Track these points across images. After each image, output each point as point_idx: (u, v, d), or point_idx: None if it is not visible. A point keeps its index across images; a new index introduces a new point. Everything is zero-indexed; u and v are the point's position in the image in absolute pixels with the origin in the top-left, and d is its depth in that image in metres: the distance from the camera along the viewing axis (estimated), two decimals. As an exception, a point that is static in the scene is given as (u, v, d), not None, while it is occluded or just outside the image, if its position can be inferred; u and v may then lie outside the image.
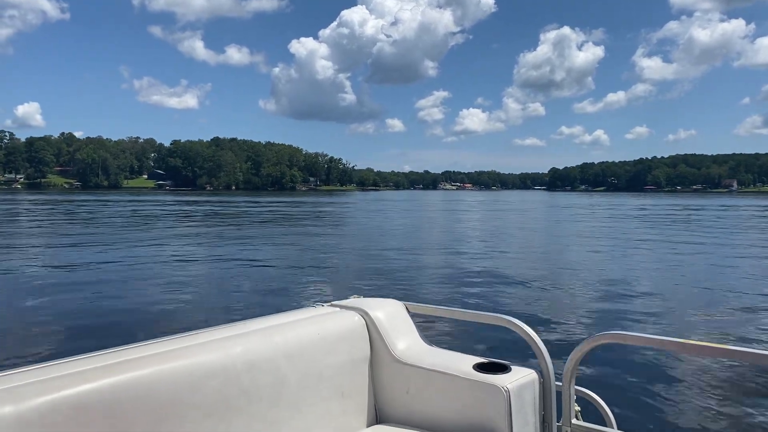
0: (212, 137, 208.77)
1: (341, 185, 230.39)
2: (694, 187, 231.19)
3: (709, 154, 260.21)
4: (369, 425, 2.38)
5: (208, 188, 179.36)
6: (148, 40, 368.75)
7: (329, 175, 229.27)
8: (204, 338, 2.02)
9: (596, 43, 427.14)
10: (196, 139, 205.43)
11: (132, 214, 43.49)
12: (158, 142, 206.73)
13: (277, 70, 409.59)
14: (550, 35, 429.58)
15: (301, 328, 2.25)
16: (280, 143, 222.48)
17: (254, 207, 60.00)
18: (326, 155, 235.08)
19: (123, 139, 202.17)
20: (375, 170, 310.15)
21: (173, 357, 1.84)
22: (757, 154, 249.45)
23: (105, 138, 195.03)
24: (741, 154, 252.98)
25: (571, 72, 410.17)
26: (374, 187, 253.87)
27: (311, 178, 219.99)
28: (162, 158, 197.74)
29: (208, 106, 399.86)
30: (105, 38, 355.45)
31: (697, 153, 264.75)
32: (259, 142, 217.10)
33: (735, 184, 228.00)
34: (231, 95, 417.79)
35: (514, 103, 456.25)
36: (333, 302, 2.60)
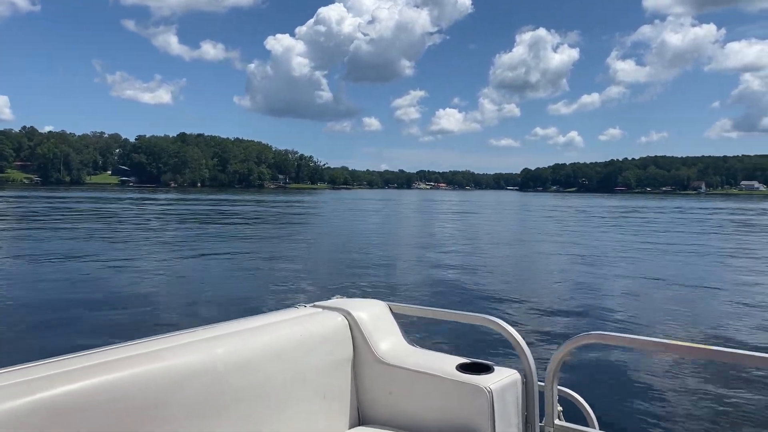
0: (179, 133, 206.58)
1: (312, 183, 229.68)
2: (664, 188, 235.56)
3: (680, 156, 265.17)
4: (351, 426, 2.38)
5: (173, 185, 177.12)
6: (122, 34, 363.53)
7: (299, 173, 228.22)
8: (186, 339, 2.01)
9: (571, 45, 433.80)
10: (163, 135, 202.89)
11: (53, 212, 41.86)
12: (123, 137, 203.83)
13: (252, 66, 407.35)
14: (525, 36, 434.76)
15: (283, 329, 2.25)
16: (249, 140, 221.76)
17: (197, 206, 57.98)
18: (296, 152, 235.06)
19: (87, 134, 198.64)
20: (350, 169, 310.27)
21: (154, 358, 1.83)
22: (725, 156, 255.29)
23: (68, 132, 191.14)
24: (710, 156, 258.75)
25: (546, 73, 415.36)
26: (346, 186, 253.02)
27: (280, 176, 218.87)
28: (126, 154, 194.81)
29: (182, 102, 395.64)
30: (77, 31, 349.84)
31: (667, 155, 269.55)
32: (227, 138, 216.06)
33: (703, 186, 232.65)
34: (206, 91, 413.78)
35: (490, 104, 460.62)
36: (316, 303, 2.59)
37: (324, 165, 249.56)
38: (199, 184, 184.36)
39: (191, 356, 1.90)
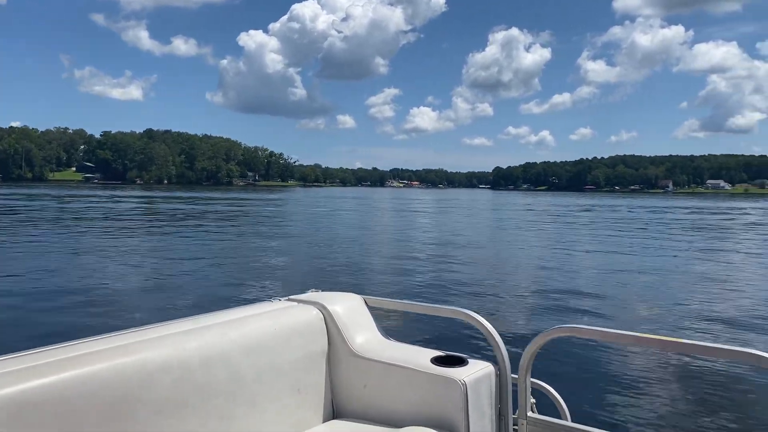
0: (146, 129, 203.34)
1: (282, 181, 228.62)
2: (632, 187, 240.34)
3: (648, 155, 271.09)
4: (325, 420, 2.39)
5: (139, 182, 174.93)
6: (91, 29, 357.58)
7: (269, 171, 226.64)
8: (157, 333, 1.99)
9: (543, 45, 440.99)
10: (129, 131, 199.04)
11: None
12: (89, 133, 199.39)
13: (225, 62, 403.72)
14: (498, 36, 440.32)
15: (257, 322, 2.24)
16: (218, 136, 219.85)
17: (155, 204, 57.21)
18: (266, 149, 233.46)
19: (50, 129, 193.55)
20: (323, 166, 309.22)
21: (124, 352, 1.82)
22: (692, 156, 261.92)
23: (31, 128, 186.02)
24: (677, 155, 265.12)
25: (519, 73, 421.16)
26: (317, 184, 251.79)
27: (250, 173, 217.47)
28: (91, 150, 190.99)
29: (153, 98, 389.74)
30: (45, 25, 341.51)
31: (636, 154, 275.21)
32: (196, 134, 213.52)
33: (671, 185, 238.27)
34: (177, 87, 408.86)
35: (464, 103, 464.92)
36: (290, 297, 2.59)
37: (295, 162, 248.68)
38: (165, 181, 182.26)
39: (163, 350, 1.88)
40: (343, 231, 28.24)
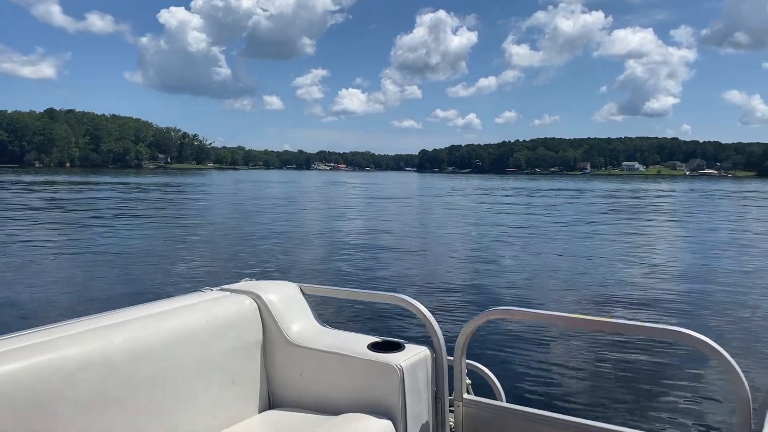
0: (46, 108, 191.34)
1: (197, 163, 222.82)
2: (552, 169, 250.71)
3: (567, 138, 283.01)
4: (261, 410, 2.42)
5: (38, 165, 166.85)
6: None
7: (182, 152, 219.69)
8: (80, 328, 1.95)
9: (470, 29, 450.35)
10: (29, 110, 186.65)
11: None
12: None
13: (144, 40, 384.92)
14: (426, 18, 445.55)
15: (188, 314, 2.22)
16: (126, 116, 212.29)
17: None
18: (179, 130, 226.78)
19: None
20: (246, 148, 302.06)
21: (45, 349, 1.76)
22: (608, 138, 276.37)
23: None
24: (595, 138, 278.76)
25: (446, 56, 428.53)
26: (234, 166, 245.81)
27: (161, 155, 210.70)
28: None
29: (67, 77, 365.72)
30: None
31: (557, 137, 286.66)
32: (103, 114, 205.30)
33: (588, 167, 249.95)
34: (94, 66, 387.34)
35: (392, 85, 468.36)
36: (223, 286, 2.59)
37: (210, 144, 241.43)
38: (68, 164, 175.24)
39: (85, 346, 1.84)
40: (273, 218, 27.64)
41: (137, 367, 1.93)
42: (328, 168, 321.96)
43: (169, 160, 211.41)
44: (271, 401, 2.48)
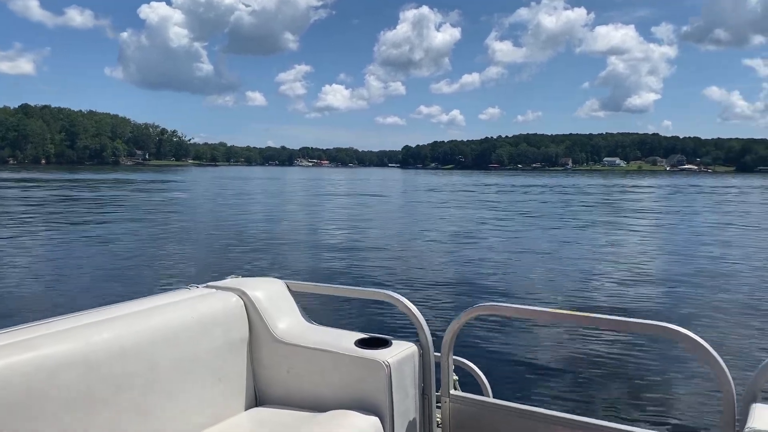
0: (21, 104, 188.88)
1: (176, 160, 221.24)
2: (534, 165, 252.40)
3: (549, 134, 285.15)
4: (248, 407, 2.42)
5: (12, 162, 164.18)
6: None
7: (160, 149, 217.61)
8: (64, 325, 1.93)
9: (453, 25, 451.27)
10: (3, 106, 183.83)
11: None
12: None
13: (125, 35, 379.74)
14: (409, 14, 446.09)
15: (173, 311, 2.22)
16: (104, 112, 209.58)
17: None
18: (158, 126, 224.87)
19: None
20: (228, 144, 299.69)
21: (26, 347, 1.74)
22: (590, 134, 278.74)
23: None
24: (576, 134, 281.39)
25: (430, 52, 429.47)
26: (214, 163, 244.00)
27: (139, 152, 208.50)
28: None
29: (46, 73, 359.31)
30: None
31: (539, 133, 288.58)
32: (80, 110, 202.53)
33: (570, 163, 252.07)
34: (73, 61, 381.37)
35: (376, 81, 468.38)
36: (209, 283, 2.58)
37: (190, 140, 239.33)
38: (43, 161, 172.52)
39: (70, 344, 1.82)
40: (261, 216, 27.44)
41: (121, 365, 1.92)
42: (311, 164, 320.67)
43: (147, 156, 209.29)
44: (257, 398, 2.48)
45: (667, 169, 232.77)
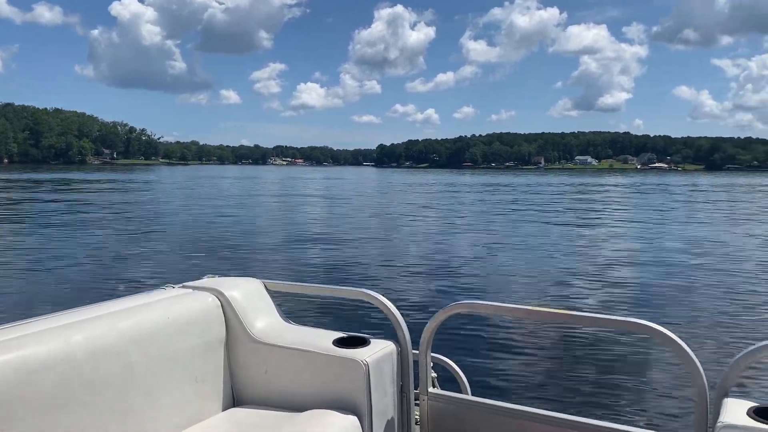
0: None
1: (145, 159, 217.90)
2: (507, 163, 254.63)
3: (522, 132, 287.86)
4: (225, 408, 2.42)
5: None
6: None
7: (129, 148, 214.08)
8: (39, 327, 1.91)
9: (428, 24, 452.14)
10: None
11: None
12: None
13: (96, 33, 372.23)
14: (384, 13, 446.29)
15: (149, 311, 2.21)
16: (71, 110, 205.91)
17: None
18: (126, 124, 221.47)
19: None
20: (200, 143, 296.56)
21: (3, 349, 1.73)
22: (562, 133, 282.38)
23: None
24: (549, 133, 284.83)
25: (405, 51, 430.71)
26: (184, 162, 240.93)
27: (106, 151, 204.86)
28: None
29: (14, 71, 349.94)
30: None
31: (512, 132, 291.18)
32: (45, 108, 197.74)
33: (542, 161, 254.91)
34: (43, 59, 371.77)
35: (351, 80, 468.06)
36: (185, 283, 2.58)
37: (159, 138, 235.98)
38: (6, 160, 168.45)
39: (45, 345, 1.81)
40: (233, 213, 27.25)
41: (98, 366, 1.91)
42: (285, 163, 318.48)
43: (115, 155, 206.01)
44: (235, 399, 2.47)
45: (638, 167, 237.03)
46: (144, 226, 21.06)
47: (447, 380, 2.49)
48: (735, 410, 1.68)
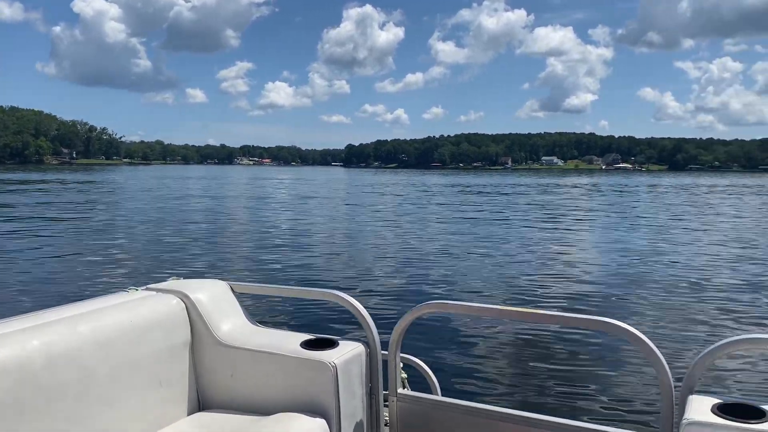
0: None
1: (106, 159, 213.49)
2: (475, 164, 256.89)
3: (490, 133, 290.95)
4: (190, 413, 2.38)
5: None
6: None
7: (89, 147, 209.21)
8: None
9: (396, 24, 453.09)
10: None
11: None
12: None
13: (58, 29, 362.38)
14: (352, 12, 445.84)
15: (110, 315, 2.16)
16: (27, 108, 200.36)
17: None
18: (86, 123, 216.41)
19: None
20: (165, 143, 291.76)
21: None
22: (529, 134, 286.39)
23: None
24: (516, 134, 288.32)
25: (374, 51, 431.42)
26: (146, 162, 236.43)
27: (65, 150, 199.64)
28: None
29: None
30: None
31: (480, 133, 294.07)
32: (0, 106, 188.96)
33: (510, 162, 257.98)
34: (2, 56, 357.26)
35: (320, 79, 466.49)
36: (149, 286, 2.54)
37: (121, 138, 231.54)
38: None
39: (1, 351, 1.76)
40: (195, 216, 26.79)
41: (56, 372, 1.86)
42: (251, 163, 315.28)
43: (74, 155, 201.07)
44: (200, 403, 2.44)
45: (603, 167, 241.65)
46: (104, 228, 20.50)
47: (417, 381, 2.48)
48: (699, 407, 1.71)
